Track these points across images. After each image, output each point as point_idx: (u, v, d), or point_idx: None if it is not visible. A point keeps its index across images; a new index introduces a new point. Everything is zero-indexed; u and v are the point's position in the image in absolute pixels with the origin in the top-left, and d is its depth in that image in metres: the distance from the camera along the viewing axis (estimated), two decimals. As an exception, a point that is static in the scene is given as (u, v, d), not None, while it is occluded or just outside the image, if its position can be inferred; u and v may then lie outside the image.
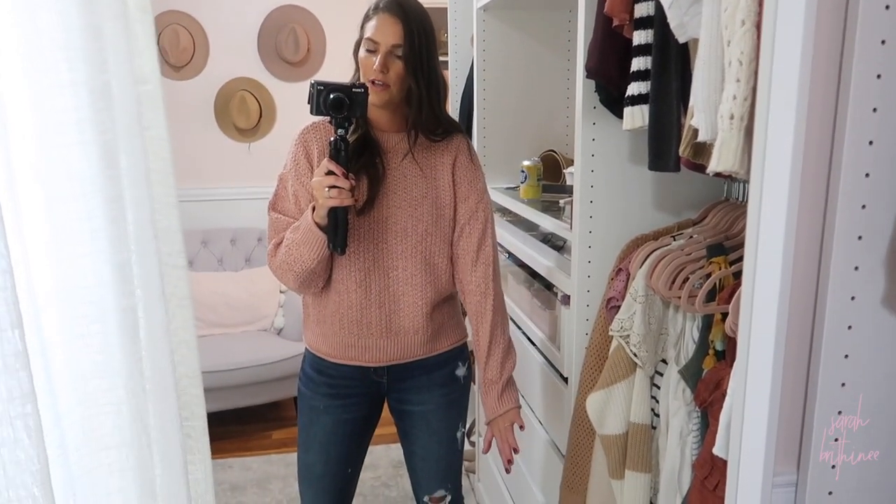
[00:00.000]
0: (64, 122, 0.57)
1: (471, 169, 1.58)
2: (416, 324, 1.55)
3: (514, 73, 2.40)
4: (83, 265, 0.60)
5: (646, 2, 1.24)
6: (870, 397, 0.79)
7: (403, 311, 1.54)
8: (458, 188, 1.56)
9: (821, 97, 0.75)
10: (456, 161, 1.56)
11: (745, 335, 0.85)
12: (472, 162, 1.59)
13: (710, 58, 0.98)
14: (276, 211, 1.56)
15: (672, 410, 1.37)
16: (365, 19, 1.50)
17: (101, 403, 0.61)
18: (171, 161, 0.71)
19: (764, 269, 0.79)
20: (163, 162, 0.70)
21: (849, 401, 0.80)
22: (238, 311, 3.36)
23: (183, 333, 0.74)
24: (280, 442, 3.20)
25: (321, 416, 1.61)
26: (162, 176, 0.70)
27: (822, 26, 0.73)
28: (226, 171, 3.70)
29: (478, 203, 1.57)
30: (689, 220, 1.53)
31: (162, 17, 3.48)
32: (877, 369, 0.79)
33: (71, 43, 0.57)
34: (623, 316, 1.42)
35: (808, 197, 0.77)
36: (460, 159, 1.57)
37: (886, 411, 0.80)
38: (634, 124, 1.30)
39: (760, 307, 0.81)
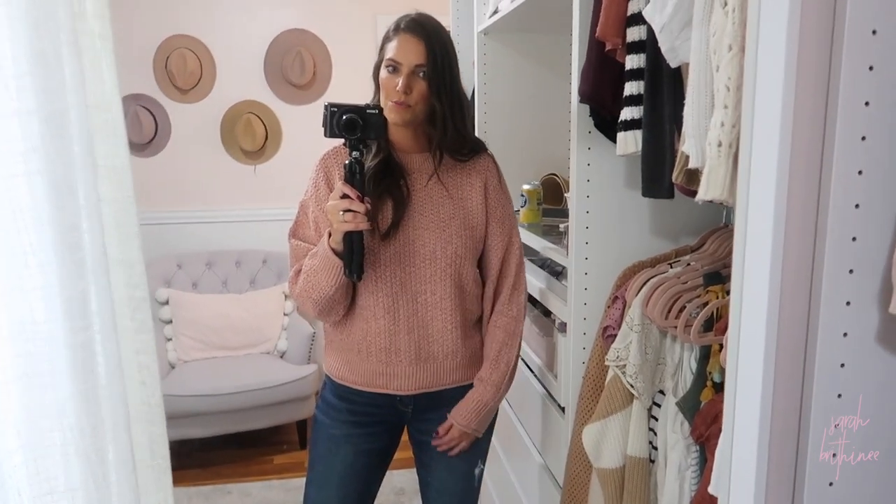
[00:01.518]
0: (10, 152, 0.55)
1: (501, 191, 1.57)
2: (447, 349, 1.51)
3: (515, 96, 2.39)
4: (31, 300, 0.58)
5: (637, 26, 1.22)
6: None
7: (433, 337, 1.50)
8: (493, 211, 1.54)
9: (807, 124, 0.72)
10: (487, 184, 1.54)
11: (732, 369, 0.81)
12: (501, 184, 1.58)
13: (700, 83, 0.96)
14: (297, 238, 1.54)
15: (670, 444, 1.33)
16: (385, 40, 1.47)
17: (46, 445, 0.58)
18: (132, 191, 0.69)
19: (751, 303, 0.76)
20: (124, 191, 0.68)
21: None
22: (241, 333, 3.35)
23: (146, 369, 0.72)
24: (281, 467, 3.16)
25: (341, 447, 1.54)
26: (123, 205, 0.68)
27: (806, 51, 0.70)
28: (231, 193, 3.71)
29: (511, 228, 1.57)
30: (688, 247, 1.49)
31: (170, 41, 3.52)
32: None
33: (20, 70, 0.56)
34: (619, 345, 1.39)
35: (796, 227, 0.74)
36: (491, 181, 1.55)
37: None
38: (627, 150, 1.27)
39: (748, 340, 0.78)
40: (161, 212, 3.62)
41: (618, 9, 1.27)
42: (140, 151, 3.58)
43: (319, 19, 3.66)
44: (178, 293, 3.38)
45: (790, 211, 0.73)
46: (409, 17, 1.46)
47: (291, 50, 3.59)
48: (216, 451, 3.25)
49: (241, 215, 3.71)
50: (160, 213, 3.62)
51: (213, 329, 3.31)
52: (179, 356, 3.26)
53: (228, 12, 3.57)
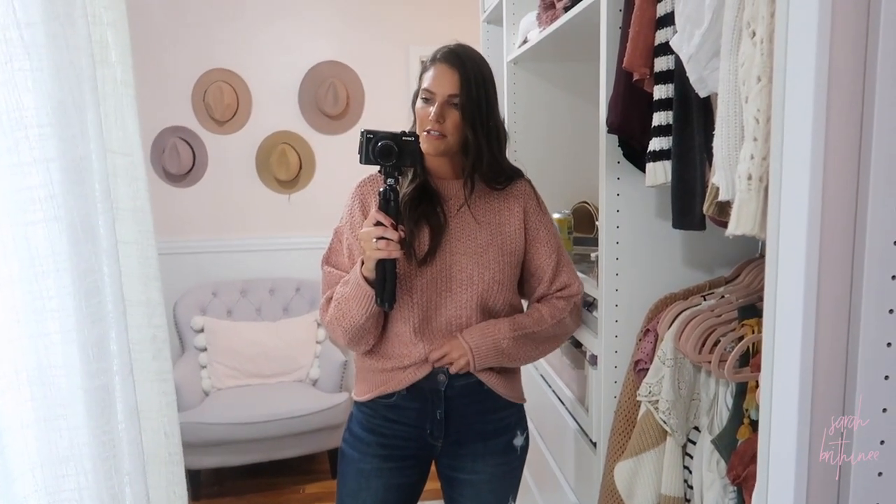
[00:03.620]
0: (30, 199, 0.56)
1: (542, 213, 1.55)
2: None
3: (545, 125, 2.38)
4: (47, 344, 0.58)
5: (665, 56, 1.20)
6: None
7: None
8: (535, 234, 1.52)
9: (840, 156, 0.69)
10: (527, 208, 1.52)
11: (766, 409, 0.78)
12: (541, 207, 1.56)
13: (729, 115, 0.94)
14: (330, 265, 1.53)
15: (706, 483, 1.28)
16: (423, 70, 1.48)
17: (61, 489, 0.58)
18: (153, 232, 0.69)
19: (784, 342, 0.72)
20: (144, 233, 0.69)
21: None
22: (274, 361, 3.36)
23: (166, 411, 0.72)
24: (313, 496, 3.14)
25: (372, 481, 1.50)
26: (143, 248, 0.68)
27: (838, 79, 0.67)
28: (265, 222, 3.76)
29: (559, 246, 1.54)
30: (722, 279, 1.45)
31: (208, 74, 3.61)
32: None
33: (41, 120, 0.57)
34: (651, 380, 1.35)
35: (830, 260, 0.71)
36: (530, 205, 1.53)
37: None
38: (657, 181, 1.25)
39: (782, 380, 0.74)
40: (197, 241, 3.68)
41: (645, 39, 1.25)
42: (178, 182, 3.66)
43: (353, 51, 3.72)
44: (213, 321, 3.42)
45: (823, 246, 0.70)
46: (447, 48, 1.46)
47: (325, 81, 3.65)
48: (248, 480, 3.25)
49: (275, 244, 3.75)
50: (197, 242, 3.68)
51: (246, 357, 3.33)
52: (213, 384, 3.29)
53: (264, 46, 3.65)
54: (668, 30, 1.20)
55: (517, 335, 1.46)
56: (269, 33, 3.64)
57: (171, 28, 3.57)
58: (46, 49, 0.56)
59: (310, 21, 3.67)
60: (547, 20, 1.92)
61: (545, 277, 1.52)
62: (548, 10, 1.93)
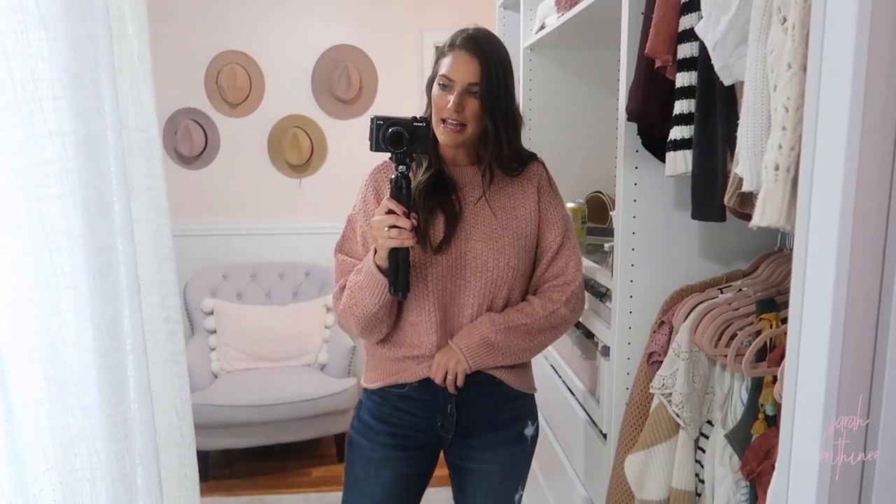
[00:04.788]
0: (45, 173, 0.55)
1: (553, 193, 1.52)
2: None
3: (561, 112, 2.35)
4: (60, 322, 0.57)
5: (689, 42, 1.18)
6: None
7: None
8: (544, 213, 1.49)
9: (875, 147, 0.67)
10: (540, 186, 1.50)
11: (789, 407, 0.76)
12: (552, 186, 1.53)
13: (756, 103, 0.91)
14: (343, 253, 1.51)
15: (718, 478, 1.27)
16: (440, 55, 1.44)
17: (73, 469, 0.57)
18: (167, 211, 0.68)
19: (811, 338, 0.71)
20: (159, 212, 0.67)
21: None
22: (283, 345, 3.37)
23: (178, 393, 0.71)
24: (320, 480, 3.16)
25: (381, 470, 1.49)
26: (157, 226, 0.67)
27: (875, 69, 0.65)
28: (277, 206, 3.75)
29: (566, 228, 1.50)
30: (739, 272, 1.43)
31: (221, 56, 3.59)
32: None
33: (57, 93, 0.55)
34: (665, 372, 1.33)
35: (861, 257, 0.69)
36: (542, 185, 1.50)
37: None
38: (677, 170, 1.23)
39: (807, 377, 0.72)
40: (209, 223, 3.68)
41: (669, 25, 1.23)
42: (190, 164, 3.65)
43: (366, 35, 3.69)
44: (223, 303, 3.43)
45: (855, 241, 0.68)
46: (467, 34, 1.41)
47: (338, 65, 3.63)
48: (256, 462, 3.27)
49: (286, 228, 3.75)
50: (208, 225, 3.68)
51: (255, 340, 3.34)
52: (223, 366, 3.30)
53: (278, 29, 3.63)
54: (692, 16, 1.17)
55: (504, 327, 1.43)
56: (283, 16, 3.62)
57: (185, 8, 3.55)
58: (62, 19, 0.54)
59: (323, 4, 3.65)
60: (566, 6, 1.89)
61: (543, 259, 1.49)
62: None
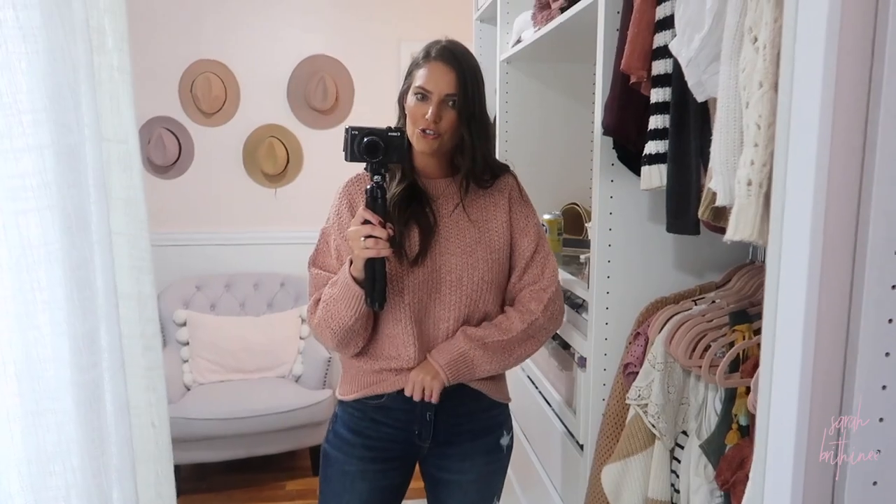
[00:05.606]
0: (22, 187, 0.54)
1: (524, 202, 1.52)
2: None
3: (536, 125, 2.38)
4: (37, 337, 0.56)
5: (663, 59, 1.20)
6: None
7: None
8: (516, 223, 1.49)
9: (844, 164, 0.69)
10: (511, 198, 1.50)
11: (763, 417, 0.78)
12: (522, 196, 1.53)
13: (728, 120, 0.93)
14: (317, 266, 1.50)
15: (693, 487, 1.28)
16: (414, 66, 1.44)
17: (48, 487, 0.56)
18: (146, 223, 0.67)
19: (784, 351, 0.72)
20: (138, 224, 0.67)
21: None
22: (257, 356, 3.33)
23: (155, 407, 0.70)
24: (295, 493, 3.12)
25: (357, 483, 1.48)
26: (136, 239, 0.67)
27: (843, 89, 0.67)
28: (251, 216, 3.72)
29: (538, 236, 1.50)
30: (713, 283, 1.46)
31: (196, 65, 3.56)
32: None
33: (35, 106, 0.55)
34: (641, 383, 1.35)
35: (832, 269, 0.70)
36: (514, 195, 1.51)
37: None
38: (652, 184, 1.25)
39: (780, 389, 0.74)
40: (182, 233, 3.64)
41: (643, 41, 1.25)
42: (163, 173, 3.61)
43: (343, 45, 3.69)
44: (196, 315, 3.38)
45: (825, 253, 0.70)
46: (441, 45, 1.43)
47: (315, 75, 3.62)
48: (229, 476, 3.22)
49: (261, 238, 3.72)
50: (181, 235, 3.64)
51: (229, 352, 3.30)
52: (195, 378, 3.25)
53: (254, 38, 3.61)
54: (667, 33, 1.19)
55: (481, 344, 1.43)
56: (259, 25, 3.61)
57: (160, 16, 3.52)
58: (42, 32, 0.54)
59: (300, 14, 3.64)
60: (542, 20, 1.91)
61: (517, 267, 1.49)
62: (543, 9, 1.92)
